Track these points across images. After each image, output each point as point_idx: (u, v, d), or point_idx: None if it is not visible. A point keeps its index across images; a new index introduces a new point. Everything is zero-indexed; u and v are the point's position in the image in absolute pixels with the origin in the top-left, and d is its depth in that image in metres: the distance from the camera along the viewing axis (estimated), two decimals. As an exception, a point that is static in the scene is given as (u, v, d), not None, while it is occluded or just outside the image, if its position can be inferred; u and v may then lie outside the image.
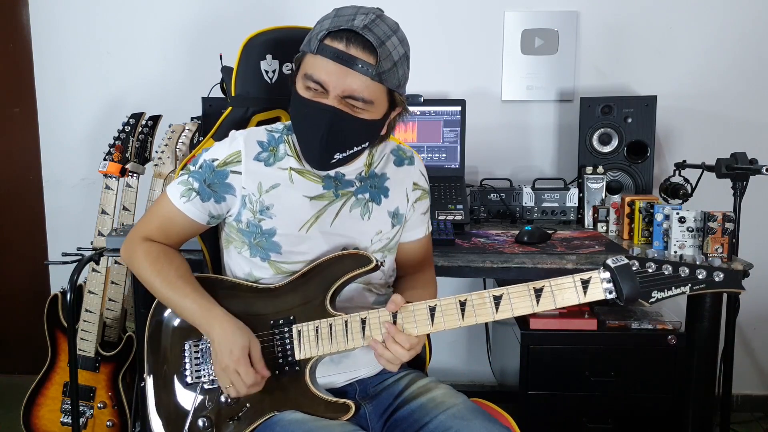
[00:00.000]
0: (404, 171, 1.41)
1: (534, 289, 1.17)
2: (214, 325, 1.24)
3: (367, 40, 1.16)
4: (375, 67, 1.17)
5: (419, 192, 1.43)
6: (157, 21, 2.59)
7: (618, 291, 1.13)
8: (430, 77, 2.57)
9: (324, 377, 1.32)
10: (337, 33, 1.17)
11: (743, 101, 2.54)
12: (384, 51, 1.18)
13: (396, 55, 1.20)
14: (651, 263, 1.13)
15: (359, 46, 1.17)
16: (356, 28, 1.16)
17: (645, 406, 1.97)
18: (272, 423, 1.25)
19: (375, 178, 1.37)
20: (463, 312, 1.19)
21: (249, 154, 1.29)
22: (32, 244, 2.76)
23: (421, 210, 1.45)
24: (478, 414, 1.24)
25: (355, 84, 1.18)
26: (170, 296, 1.28)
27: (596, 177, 2.26)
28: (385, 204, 1.37)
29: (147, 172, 2.25)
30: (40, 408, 2.26)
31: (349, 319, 1.24)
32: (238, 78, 1.53)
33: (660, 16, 2.53)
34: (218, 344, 1.23)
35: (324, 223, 1.31)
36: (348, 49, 1.17)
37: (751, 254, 1.92)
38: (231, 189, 1.29)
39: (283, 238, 1.29)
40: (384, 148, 1.41)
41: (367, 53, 1.17)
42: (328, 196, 1.32)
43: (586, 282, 1.15)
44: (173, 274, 1.29)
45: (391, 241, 1.38)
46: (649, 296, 1.13)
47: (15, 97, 2.70)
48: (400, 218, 1.39)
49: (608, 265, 1.14)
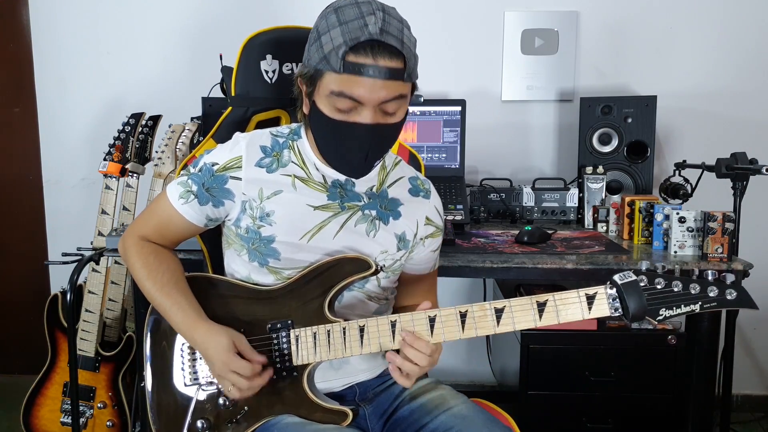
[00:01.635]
0: (418, 203, 1.37)
1: (537, 303, 1.15)
2: (196, 337, 1.24)
3: (390, 45, 1.13)
4: (405, 70, 1.15)
5: (432, 229, 1.38)
6: (157, 21, 2.59)
7: (624, 308, 1.11)
8: (431, 77, 2.56)
9: (322, 382, 1.31)
10: (359, 46, 1.12)
11: (743, 101, 2.54)
12: (407, 50, 1.15)
13: (413, 46, 1.18)
14: (660, 279, 1.10)
15: (386, 55, 1.13)
16: (375, 36, 1.12)
17: (645, 406, 1.97)
18: (270, 426, 1.25)
19: (386, 199, 1.33)
20: (464, 324, 1.18)
21: (250, 159, 1.27)
22: (32, 244, 2.76)
23: (431, 247, 1.40)
24: (478, 414, 1.24)
25: (393, 92, 1.16)
26: (158, 301, 1.28)
27: (596, 177, 2.26)
28: (393, 225, 1.33)
29: (147, 172, 2.25)
30: (40, 408, 2.26)
31: (347, 326, 1.23)
32: (238, 78, 1.53)
33: (660, 16, 2.53)
34: (204, 353, 1.24)
35: (327, 234, 1.28)
36: (377, 61, 1.13)
37: (751, 254, 1.93)
38: (230, 194, 1.27)
39: (282, 246, 1.27)
40: (401, 171, 1.38)
41: (395, 59, 1.14)
42: (333, 207, 1.29)
43: (591, 297, 1.13)
44: (162, 278, 1.28)
45: (395, 263, 1.35)
46: (656, 314, 1.11)
47: (15, 97, 2.70)
48: (406, 243, 1.35)
49: (615, 281, 1.12)
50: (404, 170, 1.39)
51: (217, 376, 1.24)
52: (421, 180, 1.40)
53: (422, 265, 1.42)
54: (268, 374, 1.23)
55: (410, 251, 1.37)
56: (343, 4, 1.17)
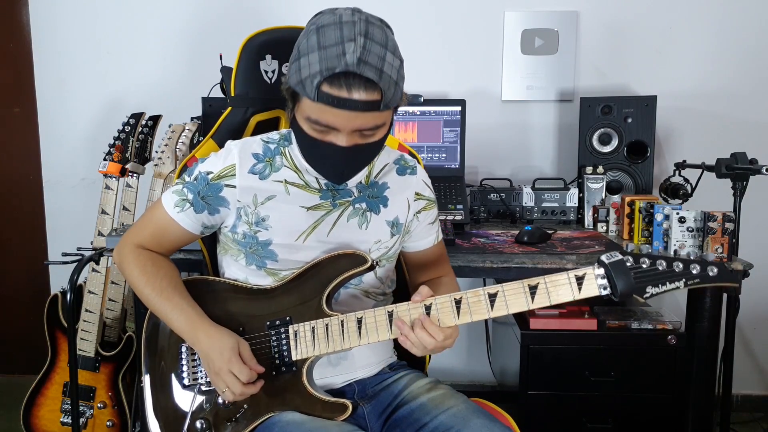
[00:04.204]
0: (406, 180, 1.40)
1: (529, 286, 1.17)
2: (200, 337, 1.24)
3: (366, 78, 1.10)
4: (381, 101, 1.13)
5: (423, 202, 1.41)
6: (157, 21, 2.59)
7: (612, 287, 1.14)
8: (430, 77, 2.56)
9: (322, 379, 1.32)
10: (333, 78, 1.10)
11: (743, 101, 2.54)
12: (385, 79, 1.12)
13: (395, 74, 1.14)
14: (645, 259, 1.13)
15: (361, 88, 1.10)
16: (351, 68, 1.09)
17: (645, 406, 1.96)
18: (270, 424, 1.25)
19: (374, 188, 1.36)
20: (459, 310, 1.19)
21: (243, 167, 1.28)
22: (32, 244, 2.76)
23: (427, 220, 1.43)
24: (478, 414, 1.24)
25: (368, 122, 1.16)
26: (158, 306, 1.29)
27: (596, 177, 2.26)
28: (384, 213, 1.35)
29: (147, 172, 2.25)
30: (40, 408, 2.26)
31: (345, 319, 1.24)
32: (238, 78, 1.53)
33: (660, 16, 2.53)
34: (207, 351, 1.24)
35: (321, 232, 1.31)
36: (351, 95, 1.10)
37: (751, 254, 1.92)
38: (225, 202, 1.29)
39: (280, 248, 1.29)
40: (387, 157, 1.40)
41: (370, 91, 1.11)
42: (325, 206, 1.31)
43: (580, 278, 1.16)
44: (160, 283, 1.28)
45: (389, 251, 1.37)
46: (643, 291, 1.13)
47: (15, 97, 2.70)
48: (399, 228, 1.37)
49: (603, 261, 1.14)
50: (389, 155, 1.41)
51: (214, 375, 1.24)
52: (405, 159, 1.42)
53: (422, 240, 1.44)
54: (260, 384, 1.25)
55: (406, 231, 1.39)
56: (327, 22, 1.14)
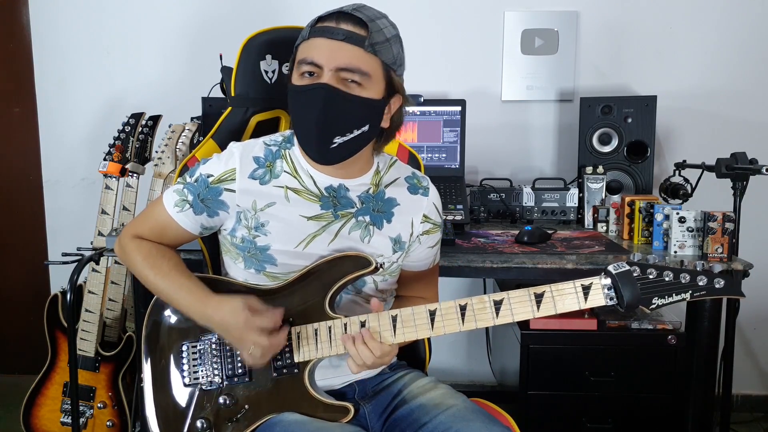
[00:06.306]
0: (417, 201, 1.37)
1: (534, 295, 1.16)
2: (209, 312, 1.23)
3: (357, 17, 1.19)
4: (367, 38, 1.19)
5: (429, 225, 1.38)
6: (157, 21, 2.59)
7: (619, 297, 1.13)
8: (430, 77, 2.56)
9: (322, 380, 1.31)
10: (327, 16, 1.21)
11: (743, 101, 2.54)
12: (375, 25, 1.20)
13: (387, 32, 1.22)
14: (652, 269, 1.13)
15: (349, 22, 1.19)
16: (345, 10, 1.20)
17: (645, 406, 1.97)
18: (271, 424, 1.24)
19: (381, 201, 1.33)
20: (464, 316, 1.18)
21: (244, 171, 1.28)
22: (32, 244, 2.76)
23: (428, 243, 1.40)
24: (478, 414, 1.24)
25: (349, 55, 1.18)
26: (164, 288, 1.28)
27: (596, 177, 2.26)
28: (387, 229, 1.33)
29: (147, 172, 2.25)
30: (40, 408, 2.26)
31: (348, 322, 1.23)
32: (238, 78, 1.53)
33: (660, 16, 2.53)
34: (220, 322, 1.22)
35: (321, 243, 1.29)
36: (339, 25, 1.19)
37: (751, 254, 1.92)
38: (224, 206, 1.29)
39: (278, 254, 1.28)
40: (398, 171, 1.38)
41: (359, 27, 1.19)
42: (327, 216, 1.29)
43: (587, 288, 1.15)
44: (166, 265, 1.28)
45: (392, 265, 1.36)
46: (649, 303, 1.13)
47: (15, 97, 2.70)
48: (402, 245, 1.35)
49: (609, 271, 1.14)
50: (400, 170, 1.39)
51: (238, 341, 1.22)
52: (419, 178, 1.40)
53: (420, 262, 1.42)
54: (284, 332, 1.23)
55: (407, 251, 1.37)
56: None
